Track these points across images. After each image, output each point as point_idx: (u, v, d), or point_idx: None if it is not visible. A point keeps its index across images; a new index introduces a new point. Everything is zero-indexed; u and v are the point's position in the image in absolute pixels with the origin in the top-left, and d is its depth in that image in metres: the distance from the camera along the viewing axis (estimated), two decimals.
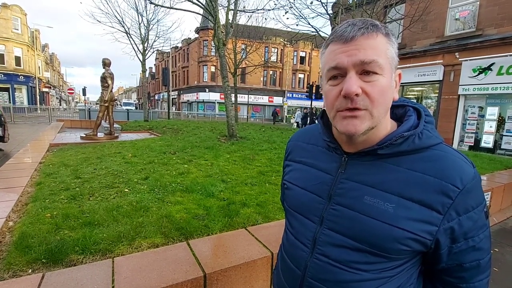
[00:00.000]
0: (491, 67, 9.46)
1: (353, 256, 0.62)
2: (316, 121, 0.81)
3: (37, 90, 33.11)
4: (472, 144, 10.17)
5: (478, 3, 9.85)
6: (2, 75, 28.26)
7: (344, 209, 0.63)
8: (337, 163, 0.68)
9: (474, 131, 10.23)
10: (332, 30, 0.63)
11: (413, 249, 0.59)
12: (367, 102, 0.57)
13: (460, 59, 10.18)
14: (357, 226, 0.61)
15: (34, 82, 32.20)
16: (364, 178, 0.63)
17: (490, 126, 9.79)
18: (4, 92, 28.08)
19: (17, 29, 29.56)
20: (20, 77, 29.86)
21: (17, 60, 29.67)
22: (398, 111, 0.69)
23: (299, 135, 0.84)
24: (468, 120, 10.40)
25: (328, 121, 0.72)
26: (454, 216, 0.57)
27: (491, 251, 0.65)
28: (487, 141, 9.85)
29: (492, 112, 9.73)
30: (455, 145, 10.39)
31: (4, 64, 28.49)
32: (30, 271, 1.74)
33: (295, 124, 21.60)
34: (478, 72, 9.77)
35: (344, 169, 0.66)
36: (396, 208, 0.57)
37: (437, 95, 11.26)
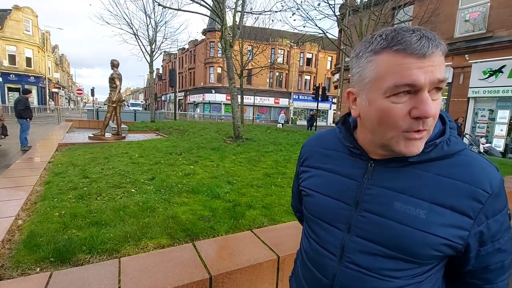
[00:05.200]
0: (502, 70, 9.29)
1: (385, 263, 0.61)
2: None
3: (47, 91, 33.72)
4: None
5: (489, 4, 9.69)
6: (14, 76, 28.88)
7: (373, 215, 0.62)
8: (362, 169, 0.66)
9: (485, 135, 10.04)
10: (375, 35, 0.56)
11: (444, 254, 0.60)
12: (432, 122, 0.55)
13: (470, 61, 10.02)
14: (388, 233, 0.60)
15: (44, 82, 32.82)
16: (392, 184, 0.62)
17: (500, 130, 9.61)
18: (15, 92, 28.66)
19: (29, 31, 30.18)
20: (31, 77, 30.46)
21: (28, 61, 30.29)
22: None
23: (315, 140, 0.82)
24: (478, 123, 10.22)
25: (349, 127, 0.71)
26: (483, 220, 0.58)
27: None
28: (498, 144, 9.66)
29: (503, 115, 9.55)
30: None
31: (15, 65, 29.13)
32: (38, 269, 1.76)
33: (280, 125, 21.84)
34: (488, 74, 9.61)
35: (370, 175, 0.65)
36: (428, 214, 0.57)
37: (446, 97, 11.09)
